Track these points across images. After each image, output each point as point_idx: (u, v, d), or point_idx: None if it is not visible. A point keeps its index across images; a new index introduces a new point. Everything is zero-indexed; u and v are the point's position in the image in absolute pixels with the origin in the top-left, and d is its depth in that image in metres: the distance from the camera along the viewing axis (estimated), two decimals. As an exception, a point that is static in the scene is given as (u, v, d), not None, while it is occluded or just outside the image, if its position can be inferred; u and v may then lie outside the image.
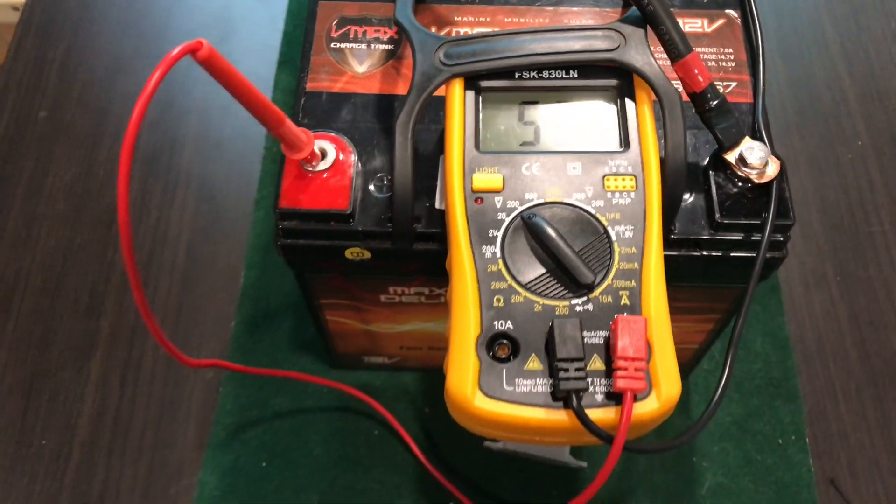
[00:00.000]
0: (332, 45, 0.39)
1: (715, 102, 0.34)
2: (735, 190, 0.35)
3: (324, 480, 0.46)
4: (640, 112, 0.32)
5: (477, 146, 0.32)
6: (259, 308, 0.51)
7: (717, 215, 0.34)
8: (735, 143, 0.34)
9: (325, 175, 0.35)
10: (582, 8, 0.40)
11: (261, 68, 0.61)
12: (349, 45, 0.39)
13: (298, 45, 0.62)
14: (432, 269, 0.36)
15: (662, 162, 0.32)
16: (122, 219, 0.26)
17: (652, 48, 0.33)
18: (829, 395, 0.50)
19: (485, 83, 0.33)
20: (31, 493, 0.46)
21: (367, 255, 0.35)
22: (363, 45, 0.39)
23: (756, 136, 0.36)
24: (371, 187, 0.35)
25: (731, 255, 0.35)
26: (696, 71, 0.33)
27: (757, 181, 0.34)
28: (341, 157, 0.35)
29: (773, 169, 0.34)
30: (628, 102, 0.33)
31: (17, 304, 0.52)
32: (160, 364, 0.50)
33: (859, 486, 0.47)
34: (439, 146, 0.36)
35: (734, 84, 0.38)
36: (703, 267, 0.35)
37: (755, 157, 0.34)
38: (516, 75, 0.33)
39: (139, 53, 0.62)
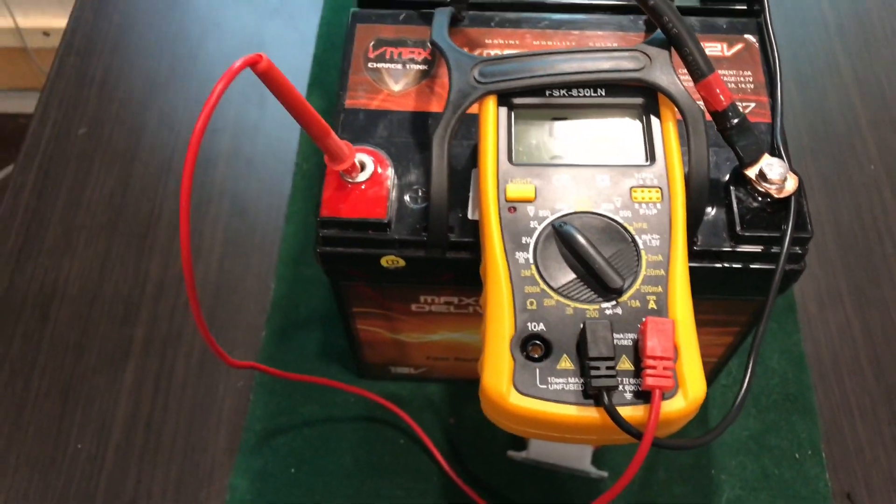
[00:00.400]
0: (369, 65, 0.41)
1: (736, 121, 0.35)
2: (755, 204, 0.36)
3: (350, 487, 0.48)
4: (665, 128, 0.34)
5: (510, 159, 0.34)
6: (288, 319, 0.53)
7: (738, 228, 0.35)
8: (755, 160, 0.36)
9: (363, 186, 0.37)
10: (606, 32, 0.42)
11: (291, 89, 0.63)
12: (385, 66, 0.41)
13: (328, 68, 0.64)
14: (463, 277, 0.38)
15: (686, 176, 0.33)
16: (184, 231, 0.28)
17: (676, 69, 0.35)
18: (844, 410, 0.51)
19: (517, 100, 0.35)
20: (67, 493, 0.48)
21: (402, 263, 0.37)
22: (399, 66, 0.41)
23: (775, 153, 0.37)
24: (407, 198, 0.37)
25: (751, 267, 0.36)
26: (718, 90, 0.35)
27: (776, 196, 0.35)
28: (379, 169, 0.37)
29: (791, 184, 0.35)
30: (653, 119, 0.35)
31: (56, 311, 0.54)
32: (192, 371, 0.52)
33: (875, 500, 0.48)
34: (471, 161, 0.37)
35: (753, 105, 0.40)
36: (724, 279, 0.37)
37: (775, 173, 0.35)
38: (547, 93, 0.35)
39: (174, 73, 0.65)
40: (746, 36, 0.42)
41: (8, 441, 0.49)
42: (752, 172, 0.36)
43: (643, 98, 0.35)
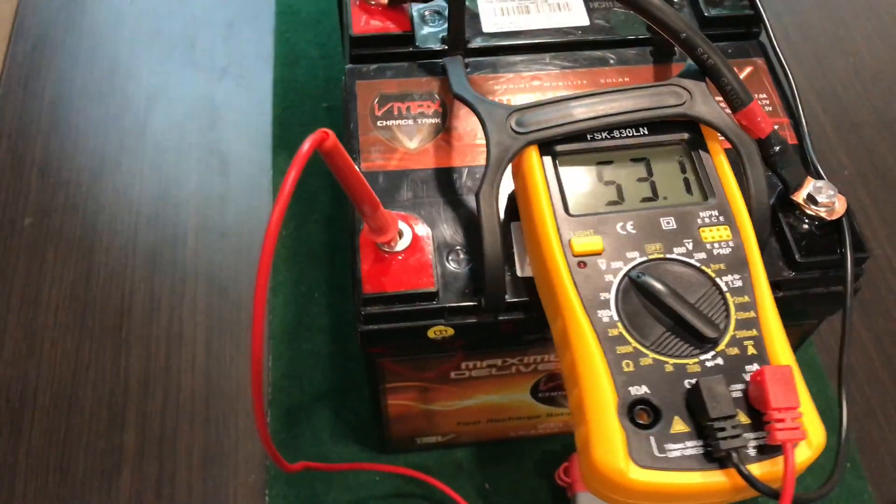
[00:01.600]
0: (378, 124, 0.38)
1: (778, 147, 0.34)
2: (807, 229, 0.35)
3: (391, 575, 0.44)
4: (718, 162, 0.33)
5: (566, 210, 0.32)
6: (293, 400, 0.49)
7: (797, 255, 0.34)
8: (800, 184, 0.35)
9: (401, 255, 0.34)
10: (616, 67, 0.41)
11: (253, 152, 0.60)
12: (396, 122, 0.38)
13: (291, 126, 0.61)
14: (513, 339, 0.36)
15: (747, 208, 0.32)
16: (258, 328, 0.24)
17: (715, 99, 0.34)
18: (871, 419, 0.51)
19: (559, 147, 0.33)
20: None
21: (450, 332, 0.34)
22: (410, 121, 0.38)
23: (815, 175, 0.36)
24: (449, 262, 0.34)
25: (809, 292, 0.35)
26: (759, 118, 0.34)
27: (828, 218, 0.35)
28: (418, 234, 0.34)
29: (840, 205, 0.35)
30: (701, 154, 0.33)
31: (28, 426, 0.48)
32: (196, 472, 0.47)
33: (918, 506, 0.48)
34: (507, 214, 0.35)
35: (776, 128, 0.39)
36: (782, 307, 0.36)
37: (824, 196, 0.35)
38: (588, 136, 0.33)
39: (124, 148, 0.60)
40: (754, 59, 0.42)
41: (-7, 583, 0.43)
42: (799, 197, 0.35)
43: (687, 133, 0.34)
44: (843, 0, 0.71)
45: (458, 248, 0.35)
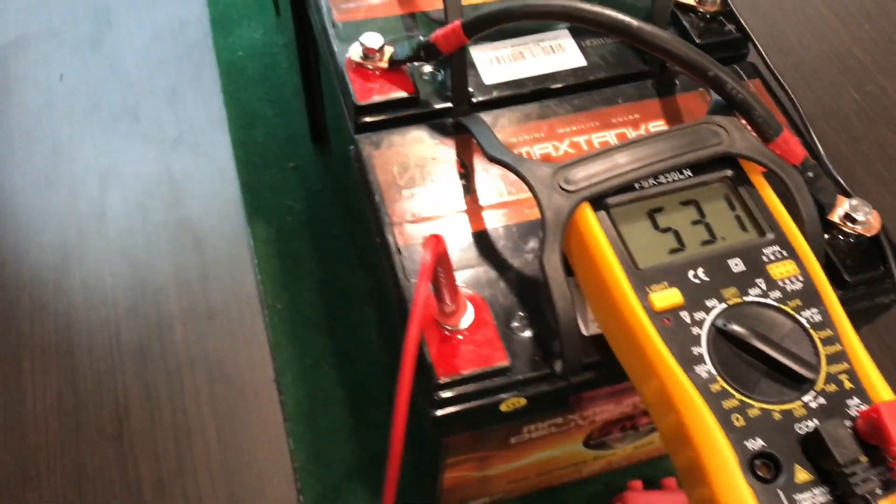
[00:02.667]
0: (404, 193, 0.37)
1: (811, 173, 0.35)
2: (847, 248, 0.36)
3: None
4: (766, 196, 0.33)
5: (635, 265, 0.31)
6: (325, 484, 0.47)
7: (846, 275, 0.35)
8: (833, 204, 0.36)
9: (467, 331, 0.32)
10: (625, 104, 0.41)
11: (226, 224, 0.57)
12: (422, 189, 0.37)
13: (261, 192, 0.58)
14: (581, 398, 0.35)
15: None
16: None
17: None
18: None
19: (611, 200, 0.33)
20: None
21: (523, 402, 0.33)
22: (435, 186, 0.37)
23: (844, 192, 0.37)
24: (513, 330, 0.33)
25: (856, 308, 0.36)
26: (792, 145, 0.34)
27: (867, 235, 0.35)
28: (478, 306, 0.33)
29: (875, 221, 0.36)
30: (745, 189, 0.33)
31: (39, 560, 0.44)
32: (235, 578, 0.44)
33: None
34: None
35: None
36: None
37: (862, 214, 0.35)
38: (636, 185, 0.33)
39: (86, 237, 0.56)
40: (750, 80, 0.42)
41: None
42: (835, 217, 0.36)
43: (729, 169, 0.34)
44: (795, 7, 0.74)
45: (518, 313, 0.34)
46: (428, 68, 0.41)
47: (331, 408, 0.49)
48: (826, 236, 0.36)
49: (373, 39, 0.39)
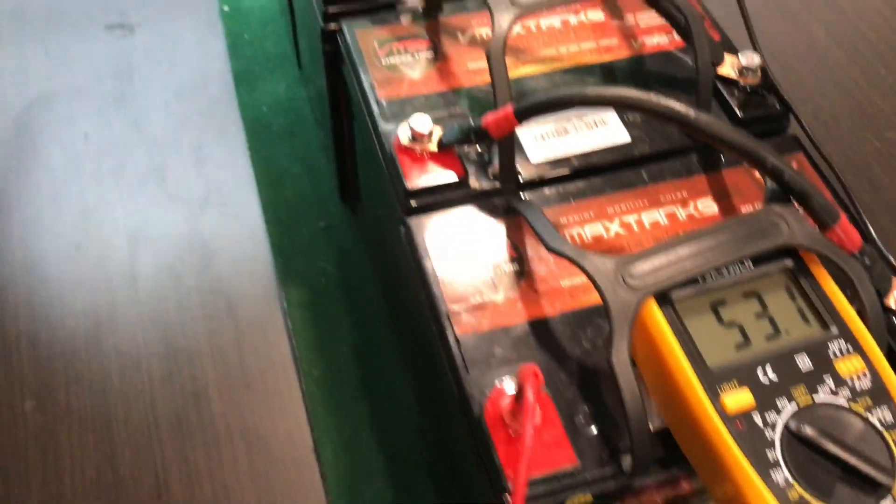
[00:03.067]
0: (458, 279, 0.37)
1: (869, 258, 0.35)
2: (906, 331, 0.36)
3: None
4: (827, 286, 0.33)
5: (703, 363, 0.31)
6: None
7: (907, 363, 0.35)
8: (889, 288, 0.36)
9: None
10: (673, 181, 0.41)
11: (258, 288, 0.56)
12: (477, 273, 0.37)
13: (293, 255, 0.58)
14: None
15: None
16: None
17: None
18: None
19: (675, 295, 0.33)
20: None
21: (590, 498, 0.33)
22: (490, 272, 0.37)
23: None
24: (578, 427, 0.33)
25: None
26: (850, 233, 0.35)
27: (923, 316, 0.36)
28: (543, 403, 0.33)
29: (931, 301, 0.36)
30: (809, 279, 0.33)
31: None
32: None
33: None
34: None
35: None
36: None
37: (918, 298, 0.35)
38: (698, 279, 0.33)
39: (118, 303, 0.55)
40: (795, 154, 0.43)
41: None
42: (892, 302, 0.36)
43: (789, 259, 0.34)
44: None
45: (582, 407, 0.34)
46: (475, 147, 0.41)
47: (373, 479, 0.49)
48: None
49: (422, 123, 0.40)
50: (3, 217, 0.59)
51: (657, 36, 0.47)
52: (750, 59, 0.43)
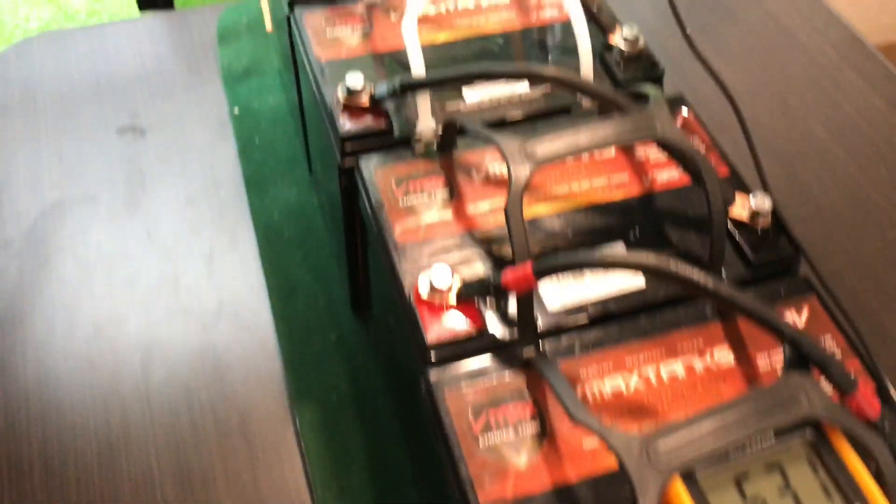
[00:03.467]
0: (481, 444, 0.37)
1: (888, 423, 0.36)
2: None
3: None
4: (849, 459, 0.34)
5: (730, 547, 0.31)
6: None
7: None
8: (906, 444, 0.36)
9: None
10: (690, 329, 0.41)
11: (271, 404, 0.57)
12: (499, 439, 0.37)
13: (305, 371, 0.58)
14: None
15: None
16: None
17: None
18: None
19: (700, 472, 0.33)
20: None
21: None
22: (511, 433, 0.37)
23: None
24: None
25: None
26: (870, 401, 0.35)
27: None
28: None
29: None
30: (830, 452, 0.34)
31: None
32: None
33: None
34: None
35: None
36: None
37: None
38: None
39: (130, 422, 0.55)
40: (807, 297, 0.43)
41: None
42: (909, 461, 0.36)
43: (811, 431, 0.34)
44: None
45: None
46: (496, 302, 0.41)
47: None
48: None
49: (441, 277, 0.40)
50: (18, 333, 0.59)
51: (667, 171, 0.47)
52: (761, 201, 0.44)
